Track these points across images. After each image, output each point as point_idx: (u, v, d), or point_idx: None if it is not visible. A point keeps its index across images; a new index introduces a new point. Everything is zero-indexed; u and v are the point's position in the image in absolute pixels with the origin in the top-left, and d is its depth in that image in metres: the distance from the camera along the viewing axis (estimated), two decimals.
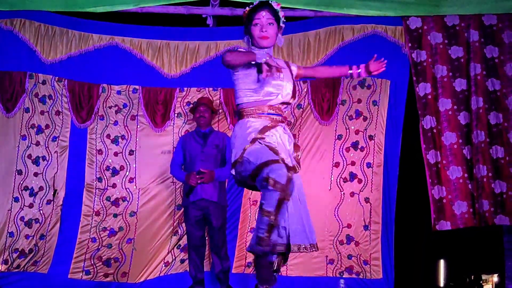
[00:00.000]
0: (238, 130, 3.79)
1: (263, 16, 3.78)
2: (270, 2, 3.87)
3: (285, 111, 3.88)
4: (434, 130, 6.24)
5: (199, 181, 5.55)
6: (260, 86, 3.76)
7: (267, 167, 3.44)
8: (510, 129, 6.18)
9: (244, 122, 3.77)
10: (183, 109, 6.55)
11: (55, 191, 6.41)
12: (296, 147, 3.83)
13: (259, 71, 3.57)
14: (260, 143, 3.63)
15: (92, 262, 6.31)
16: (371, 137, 6.43)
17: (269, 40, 3.81)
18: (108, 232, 6.40)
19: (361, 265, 6.27)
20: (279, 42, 3.91)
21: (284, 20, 3.94)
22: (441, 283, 6.60)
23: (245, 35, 3.92)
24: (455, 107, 6.25)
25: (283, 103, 3.82)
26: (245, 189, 6.34)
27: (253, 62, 3.56)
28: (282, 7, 6.19)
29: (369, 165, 6.40)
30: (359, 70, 4.10)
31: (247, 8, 3.88)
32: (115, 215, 6.43)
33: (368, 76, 4.19)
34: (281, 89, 3.78)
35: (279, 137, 3.70)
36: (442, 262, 6.63)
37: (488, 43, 6.29)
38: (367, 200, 6.35)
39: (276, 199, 3.36)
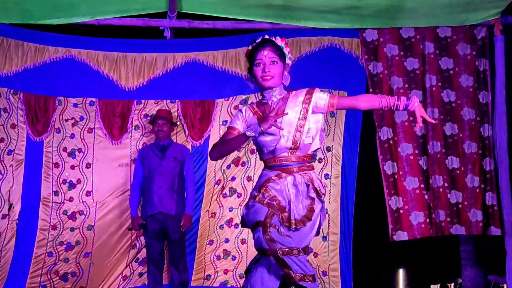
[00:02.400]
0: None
1: (265, 55, 3.57)
2: (272, 38, 3.68)
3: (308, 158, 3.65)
4: (391, 141, 6.30)
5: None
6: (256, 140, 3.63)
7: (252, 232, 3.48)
8: (465, 140, 6.29)
9: (260, 175, 3.71)
10: (140, 121, 6.51)
11: (10, 205, 6.30)
12: (311, 198, 3.57)
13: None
14: (257, 200, 3.53)
15: (49, 277, 6.22)
16: (329, 149, 6.45)
17: (273, 81, 3.59)
18: (65, 246, 6.32)
19: (320, 276, 6.28)
20: (286, 81, 3.68)
21: (291, 57, 3.76)
22: None
23: (248, 75, 3.73)
24: (411, 118, 6.32)
25: (291, 149, 3.58)
26: (203, 202, 6.37)
27: (248, 134, 3.51)
28: (239, 20, 6.37)
29: (327, 176, 6.42)
30: (407, 102, 3.58)
31: (250, 47, 3.68)
32: (72, 229, 6.35)
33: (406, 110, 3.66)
34: (277, 136, 3.56)
35: (286, 191, 3.55)
36: (401, 272, 6.67)
37: (443, 55, 6.40)
38: (325, 211, 6.35)
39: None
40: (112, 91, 6.53)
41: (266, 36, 3.68)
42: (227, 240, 6.37)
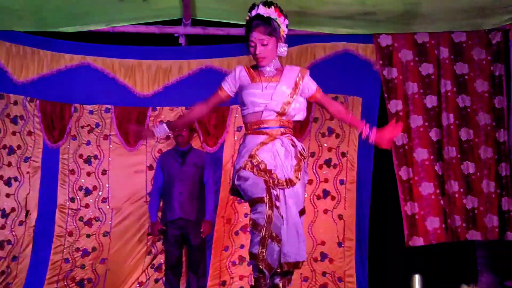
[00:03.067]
0: (240, 146, 3.88)
1: (255, 37, 3.72)
2: (263, 14, 3.74)
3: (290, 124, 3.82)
4: (406, 147, 6.29)
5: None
6: (245, 97, 3.80)
7: (252, 207, 3.55)
8: (481, 145, 6.26)
9: (244, 139, 3.86)
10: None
11: (27, 212, 6.36)
12: (298, 158, 3.72)
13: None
14: (247, 168, 3.64)
15: (66, 283, 6.26)
16: (343, 154, 6.45)
17: (266, 60, 3.75)
18: (81, 252, 6.36)
19: (335, 282, 6.27)
20: (281, 53, 3.81)
21: (287, 23, 3.84)
22: None
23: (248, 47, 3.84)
24: (426, 123, 6.31)
25: (279, 114, 3.74)
26: (218, 208, 6.38)
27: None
28: None
29: (342, 182, 6.42)
30: (369, 132, 3.79)
31: (248, 17, 3.82)
32: (88, 236, 6.39)
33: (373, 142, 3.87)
34: (269, 98, 3.73)
35: (275, 152, 3.68)
36: (417, 278, 6.63)
37: (458, 60, 6.38)
38: (340, 217, 6.36)
39: (257, 241, 3.44)
40: (127, 98, 6.57)
41: (259, 11, 3.75)
42: (242, 246, 6.37)
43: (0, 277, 6.20)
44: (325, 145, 6.49)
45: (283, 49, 3.81)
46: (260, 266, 3.45)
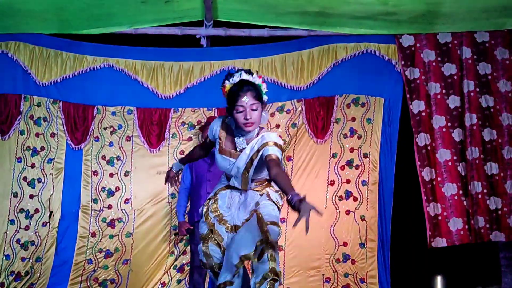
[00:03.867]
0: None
1: (246, 102, 3.57)
2: (251, 79, 3.67)
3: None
4: (429, 147, 6.26)
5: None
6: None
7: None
8: (504, 145, 6.22)
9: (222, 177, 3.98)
10: (177, 129, 6.57)
11: (50, 213, 6.40)
12: (258, 203, 3.69)
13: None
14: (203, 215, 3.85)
15: (89, 284, 6.28)
16: (365, 155, 6.43)
17: (254, 126, 3.64)
18: (104, 253, 6.38)
19: (358, 283, 6.25)
20: (264, 121, 3.73)
21: (267, 91, 3.73)
22: None
23: (228, 113, 3.74)
24: (449, 124, 6.29)
25: (244, 180, 3.72)
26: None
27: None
28: (275, 27, 6.38)
29: (364, 183, 6.41)
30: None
31: (226, 83, 3.72)
32: (111, 236, 6.42)
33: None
34: (230, 168, 3.75)
35: (234, 199, 3.80)
36: (439, 279, 6.61)
37: (481, 60, 6.35)
38: (362, 218, 6.35)
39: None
40: (149, 100, 6.60)
41: (242, 77, 3.66)
42: None
43: (24, 278, 6.23)
44: (347, 146, 6.48)
45: (265, 115, 3.73)
46: None
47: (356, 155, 6.45)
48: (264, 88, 3.71)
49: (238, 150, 3.74)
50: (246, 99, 3.57)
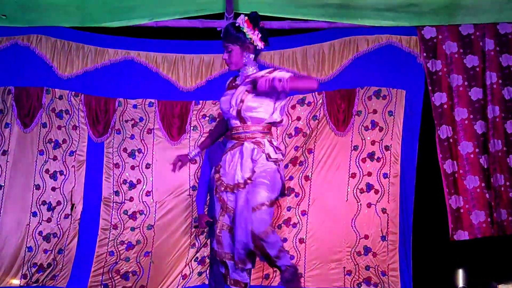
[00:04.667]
0: None
1: (223, 45, 3.95)
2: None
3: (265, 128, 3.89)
4: (451, 140, 6.23)
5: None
6: None
7: None
8: None
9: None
10: (198, 122, 6.57)
11: (72, 205, 6.45)
12: (255, 161, 3.82)
13: None
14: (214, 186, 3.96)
15: (110, 276, 6.32)
16: (387, 148, 6.41)
17: (233, 66, 3.97)
18: (125, 245, 6.42)
19: (379, 276, 6.24)
20: (248, 62, 3.94)
21: (254, 33, 3.88)
22: None
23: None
24: (471, 116, 6.25)
25: (238, 118, 3.87)
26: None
27: None
28: (295, 19, 6.35)
29: (385, 175, 6.38)
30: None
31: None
32: (133, 229, 6.45)
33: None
34: (229, 105, 3.89)
35: (232, 160, 3.89)
36: (461, 272, 6.56)
37: (504, 52, 6.30)
38: (384, 210, 6.32)
39: None
40: (170, 92, 6.63)
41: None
42: (285, 240, 6.36)
43: (47, 270, 6.28)
44: (368, 138, 6.45)
45: (251, 56, 3.95)
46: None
47: (377, 147, 6.42)
48: (249, 31, 3.87)
49: (237, 83, 3.98)
50: (223, 44, 3.94)
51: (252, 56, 3.96)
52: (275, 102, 3.89)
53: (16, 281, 6.25)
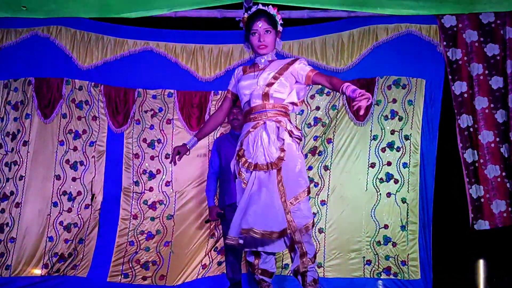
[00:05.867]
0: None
1: (260, 26, 4.02)
2: (266, 9, 4.10)
3: (284, 108, 4.05)
4: (471, 129, 6.20)
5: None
6: (238, 90, 4.18)
7: None
8: None
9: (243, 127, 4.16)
10: None
11: (93, 195, 6.48)
12: (281, 140, 3.93)
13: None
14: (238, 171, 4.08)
15: (131, 266, 6.35)
16: (407, 137, 6.38)
17: (268, 48, 4.09)
18: (145, 235, 6.44)
19: (399, 265, 6.22)
20: (278, 46, 4.18)
21: (282, 23, 4.16)
22: (481, 284, 6.50)
23: (245, 41, 4.19)
24: (492, 105, 6.21)
25: (263, 97, 3.99)
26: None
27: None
28: (314, 8, 6.34)
29: (405, 165, 6.35)
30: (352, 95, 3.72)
31: (245, 15, 4.14)
32: (153, 219, 6.48)
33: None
34: (255, 84, 4.03)
35: (257, 140, 3.96)
36: (482, 262, 6.54)
37: None
38: (404, 200, 6.30)
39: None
40: (189, 83, 6.64)
41: (260, 6, 4.12)
42: None
43: (68, 259, 6.32)
44: (388, 128, 6.42)
45: (280, 43, 4.20)
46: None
47: (397, 137, 6.39)
48: (278, 18, 4.13)
49: (260, 67, 4.12)
50: (260, 24, 4.02)
51: (280, 42, 4.17)
52: (291, 85, 4.06)
53: (37, 271, 6.30)
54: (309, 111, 6.51)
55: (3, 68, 6.60)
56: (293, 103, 4.10)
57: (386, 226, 6.30)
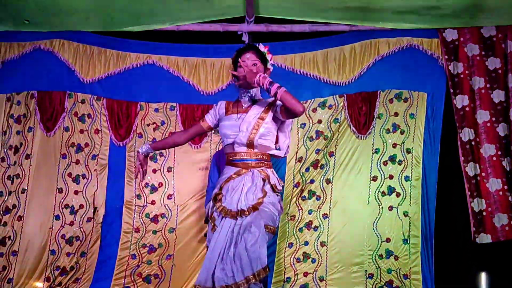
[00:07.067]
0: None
1: (248, 58, 4.03)
2: (255, 44, 4.15)
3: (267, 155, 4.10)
4: (473, 142, 6.20)
5: None
6: (220, 130, 4.16)
7: None
8: None
9: (223, 169, 4.14)
10: None
11: (95, 208, 6.48)
12: (264, 192, 3.94)
13: None
14: (213, 211, 4.03)
15: (133, 279, 6.33)
16: (408, 150, 6.38)
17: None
18: (147, 248, 6.44)
19: (401, 279, 6.20)
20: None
21: (272, 63, 4.17)
22: None
23: (233, 78, 4.13)
24: (494, 118, 6.22)
25: (248, 145, 3.97)
26: (282, 204, 6.38)
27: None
28: (316, 22, 6.37)
29: (407, 178, 6.35)
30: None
31: (235, 53, 4.15)
32: (155, 232, 6.47)
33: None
34: (238, 129, 3.99)
35: (239, 187, 3.94)
36: (484, 275, 6.53)
37: None
38: (406, 213, 6.29)
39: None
40: (192, 96, 6.65)
41: (249, 43, 4.16)
42: (306, 243, 6.36)
43: (70, 272, 6.31)
44: (390, 141, 6.43)
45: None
46: None
47: (399, 150, 6.40)
48: (268, 57, 4.17)
49: (244, 107, 4.09)
50: (248, 55, 4.04)
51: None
52: (277, 130, 4.10)
53: (39, 284, 6.29)
54: (311, 125, 6.52)
55: (6, 82, 6.64)
56: (277, 156, 4.15)
57: (388, 240, 6.29)
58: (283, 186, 4.28)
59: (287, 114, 4.02)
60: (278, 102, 4.00)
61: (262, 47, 4.15)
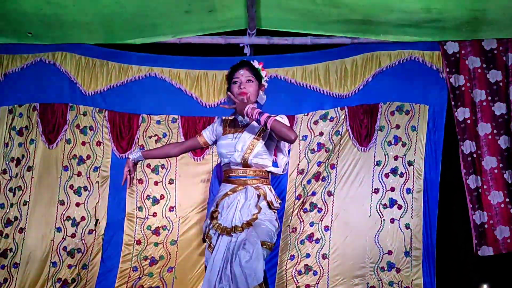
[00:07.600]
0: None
1: (242, 74, 4.04)
2: (250, 61, 4.14)
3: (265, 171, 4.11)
4: (474, 155, 6.21)
5: None
6: (217, 149, 4.16)
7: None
8: None
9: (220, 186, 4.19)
10: None
11: (96, 220, 6.48)
12: (259, 208, 3.94)
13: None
14: (210, 228, 4.10)
15: None
16: (410, 163, 6.39)
17: (248, 96, 4.02)
18: (149, 261, 6.43)
19: None
20: (261, 100, 4.12)
21: (267, 79, 4.16)
22: None
23: (227, 95, 4.16)
24: (495, 131, 6.22)
25: (243, 164, 3.98)
26: (284, 217, 6.40)
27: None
28: (318, 35, 6.39)
29: (409, 191, 6.36)
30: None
31: (229, 70, 4.16)
32: (156, 244, 6.47)
33: None
34: (233, 149, 3.98)
35: (234, 204, 3.96)
36: (485, 287, 6.53)
37: None
38: (407, 226, 6.29)
39: None
40: (193, 108, 6.66)
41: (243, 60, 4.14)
42: (308, 255, 6.36)
43: (71, 285, 6.30)
44: (391, 153, 6.43)
45: (263, 96, 4.14)
46: None
47: (400, 163, 6.40)
48: (263, 73, 4.16)
49: (240, 127, 4.12)
50: (242, 72, 4.04)
51: (263, 95, 4.13)
52: (274, 150, 4.12)
53: None
54: (312, 137, 6.53)
55: (8, 94, 6.67)
56: (274, 174, 4.16)
57: (390, 252, 6.28)
58: (281, 203, 4.21)
59: (280, 139, 4.03)
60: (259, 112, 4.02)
61: (256, 64, 4.15)
